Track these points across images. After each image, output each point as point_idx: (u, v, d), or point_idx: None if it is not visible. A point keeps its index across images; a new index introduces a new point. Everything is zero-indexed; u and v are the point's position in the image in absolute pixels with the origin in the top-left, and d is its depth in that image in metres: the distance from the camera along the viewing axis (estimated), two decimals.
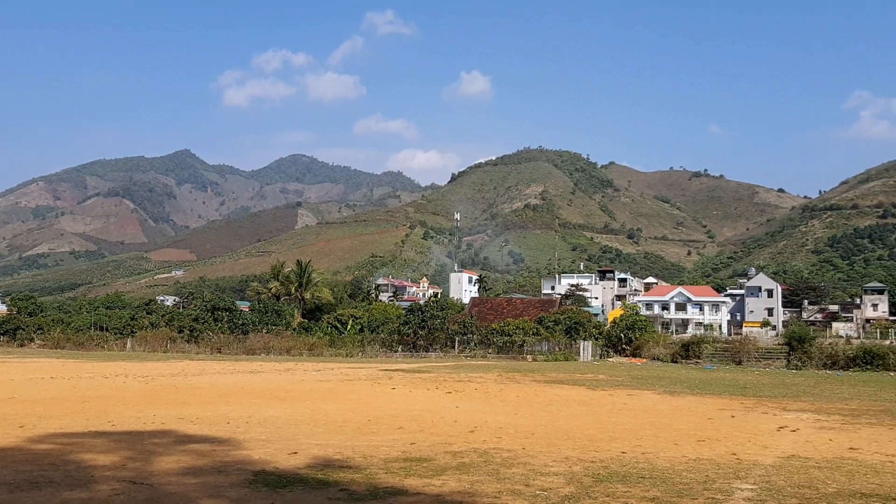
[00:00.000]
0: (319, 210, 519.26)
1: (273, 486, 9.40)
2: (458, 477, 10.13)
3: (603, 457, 12.02)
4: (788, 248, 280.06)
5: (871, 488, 9.80)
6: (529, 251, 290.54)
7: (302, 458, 11.57)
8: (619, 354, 59.85)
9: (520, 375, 34.91)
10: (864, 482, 10.25)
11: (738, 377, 38.77)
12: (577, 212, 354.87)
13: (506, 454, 12.11)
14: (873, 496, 9.29)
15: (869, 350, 49.66)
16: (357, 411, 18.64)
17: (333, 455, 11.83)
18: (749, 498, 9.07)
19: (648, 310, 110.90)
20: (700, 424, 17.27)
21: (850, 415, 20.08)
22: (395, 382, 29.02)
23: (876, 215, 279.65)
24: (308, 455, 11.80)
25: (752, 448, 13.52)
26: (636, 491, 9.36)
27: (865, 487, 9.86)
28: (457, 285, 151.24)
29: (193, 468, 10.63)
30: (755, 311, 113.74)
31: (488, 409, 19.93)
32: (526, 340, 57.28)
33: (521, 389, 26.87)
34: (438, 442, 13.45)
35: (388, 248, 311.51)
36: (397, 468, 10.74)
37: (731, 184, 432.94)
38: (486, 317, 68.33)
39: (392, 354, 56.93)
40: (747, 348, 55.07)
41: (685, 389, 28.50)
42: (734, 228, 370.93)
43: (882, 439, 15.08)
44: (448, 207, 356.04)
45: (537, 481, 9.87)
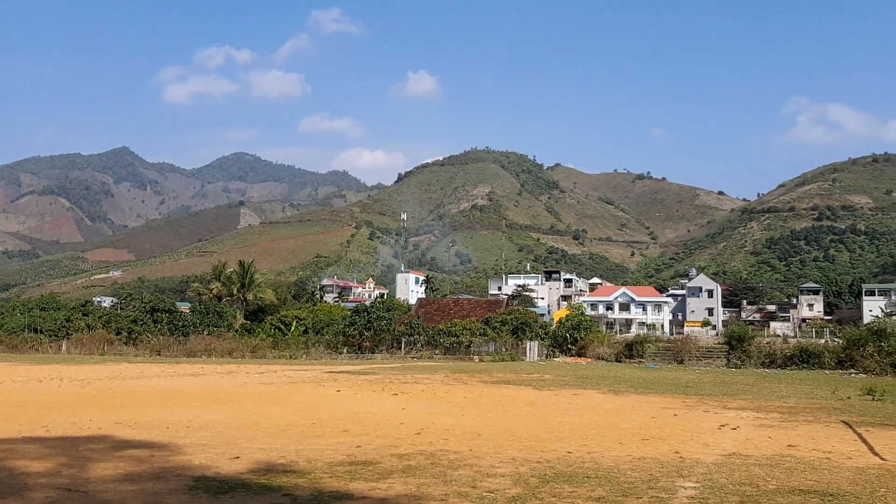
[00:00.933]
0: (263, 209, 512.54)
1: (214, 493, 9.16)
2: (405, 480, 10.02)
3: (549, 457, 12.03)
4: (728, 249, 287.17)
5: (809, 485, 10.01)
6: (476, 252, 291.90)
7: (244, 462, 11.31)
8: (564, 354, 60.46)
9: (467, 376, 34.91)
10: (803, 479, 10.47)
11: (680, 376, 39.47)
12: (523, 213, 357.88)
13: (452, 456, 12.03)
14: (811, 492, 9.48)
15: (805, 349, 51.18)
16: (301, 414, 18.36)
17: (277, 459, 11.59)
18: (692, 496, 9.16)
19: (593, 310, 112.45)
20: (644, 423, 17.48)
21: (788, 412, 20.59)
22: (341, 384, 28.71)
23: (811, 218, 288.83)
24: (250, 460, 11.54)
25: (694, 446, 13.72)
26: (582, 491, 9.38)
27: (803, 484, 10.06)
28: (403, 286, 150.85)
29: (131, 475, 10.29)
30: (696, 311, 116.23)
31: (435, 410, 19.85)
32: (473, 341, 57.41)
33: (467, 390, 26.86)
34: (384, 444, 13.30)
35: (334, 248, 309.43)
36: (342, 472, 10.57)
37: (674, 186, 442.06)
38: (433, 318, 68.30)
39: (337, 356, 56.43)
40: (689, 347, 56.18)
41: (629, 388, 28.87)
42: (676, 230, 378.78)
43: (818, 436, 15.46)
44: (395, 207, 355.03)
45: (484, 483, 9.82)
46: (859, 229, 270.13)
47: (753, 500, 9.01)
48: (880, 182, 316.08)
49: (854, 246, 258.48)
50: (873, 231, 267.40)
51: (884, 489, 9.74)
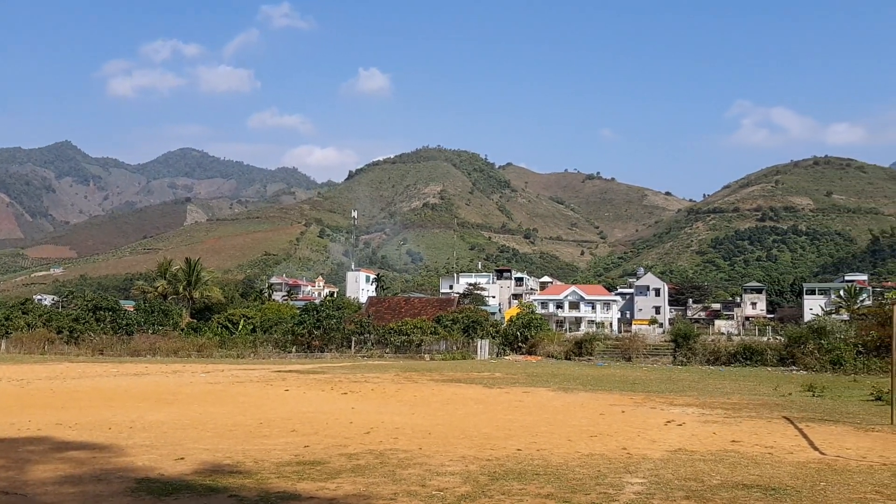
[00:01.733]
0: (210, 206, 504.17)
1: (157, 494, 8.94)
2: (353, 479, 9.92)
3: (499, 455, 12.05)
4: (675, 248, 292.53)
5: (752, 479, 10.21)
6: (428, 250, 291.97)
7: (189, 463, 11.07)
8: (515, 352, 60.79)
9: (417, 375, 34.85)
10: (746, 473, 10.67)
11: (627, 373, 40.02)
12: (475, 211, 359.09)
13: (402, 455, 11.97)
14: (754, 487, 9.67)
15: (748, 346, 52.33)
16: (248, 414, 18.08)
17: (223, 460, 11.38)
18: (639, 492, 9.26)
19: (544, 308, 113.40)
20: (592, 420, 17.66)
21: (732, 408, 21.01)
22: (289, 384, 28.37)
23: (755, 218, 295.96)
24: (196, 460, 11.31)
25: (641, 442, 13.89)
26: (531, 488, 9.41)
27: (747, 479, 10.25)
28: (354, 284, 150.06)
29: (71, 476, 9.99)
30: (644, 309, 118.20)
31: (385, 409, 19.74)
32: (424, 340, 57.33)
33: (418, 389, 26.81)
34: (333, 444, 13.17)
35: (283, 246, 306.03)
36: (290, 472, 10.42)
37: (622, 186, 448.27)
38: (384, 316, 68.06)
39: (286, 355, 55.79)
40: (636, 345, 56.96)
41: (578, 386, 29.15)
42: (624, 230, 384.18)
43: (761, 432, 15.81)
44: (345, 205, 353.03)
45: (434, 481, 9.78)
46: (800, 230, 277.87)
47: (698, 495, 9.14)
48: (821, 184, 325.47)
49: (795, 246, 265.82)
50: (814, 232, 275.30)
51: (823, 483, 9.98)
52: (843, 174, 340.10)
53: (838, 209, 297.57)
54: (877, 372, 39.40)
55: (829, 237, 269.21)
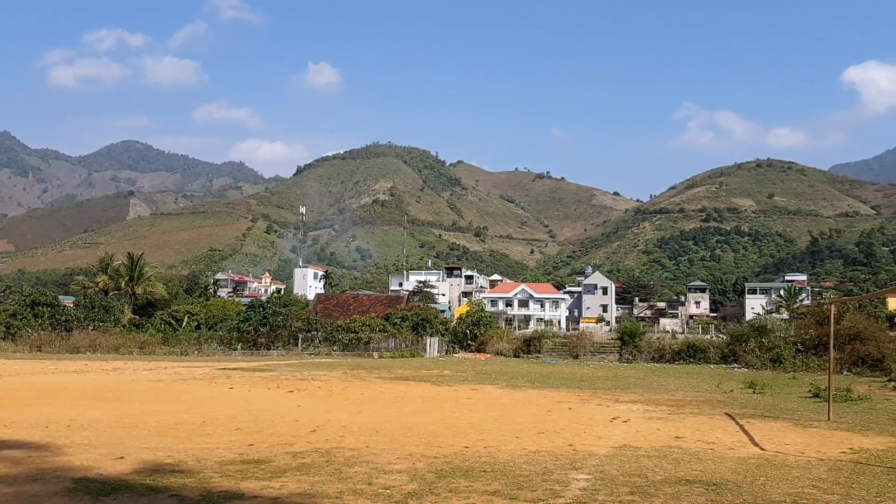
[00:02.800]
0: (154, 200, 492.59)
1: (96, 494, 8.68)
2: (299, 478, 9.78)
3: (446, 452, 12.02)
4: (622, 248, 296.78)
5: (695, 475, 10.36)
6: (377, 247, 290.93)
7: (129, 463, 10.78)
8: (464, 350, 60.99)
9: (365, 373, 34.67)
10: (688, 469, 10.83)
11: (575, 371, 40.44)
12: (425, 209, 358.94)
13: (349, 453, 11.85)
14: (696, 482, 9.81)
15: (692, 344, 53.36)
16: (191, 412, 17.71)
17: (164, 459, 11.11)
18: (584, 488, 9.31)
19: (493, 306, 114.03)
20: (540, 417, 17.75)
21: (676, 405, 21.35)
22: (234, 382, 27.93)
23: (700, 219, 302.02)
24: (136, 460, 11.02)
25: (587, 439, 14.01)
26: (478, 485, 9.39)
27: (689, 474, 10.41)
28: (301, 281, 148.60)
29: (6, 477, 9.63)
30: (591, 307, 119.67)
31: (332, 407, 19.54)
32: (372, 337, 57.10)
33: (366, 387, 26.64)
34: (278, 443, 12.97)
35: (229, 241, 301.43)
36: (233, 471, 10.22)
37: (572, 186, 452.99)
38: (332, 313, 67.57)
39: (231, 353, 54.97)
40: (584, 343, 57.63)
41: (526, 383, 29.33)
42: (573, 229, 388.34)
43: (703, 428, 16.09)
44: (293, 201, 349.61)
45: (380, 479, 9.70)
46: (743, 231, 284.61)
47: (642, 490, 9.23)
48: (763, 186, 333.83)
49: (738, 246, 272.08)
50: (756, 233, 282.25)
51: (763, 478, 10.18)
52: (785, 177, 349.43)
53: (779, 211, 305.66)
54: (815, 370, 40.51)
55: (771, 238, 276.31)
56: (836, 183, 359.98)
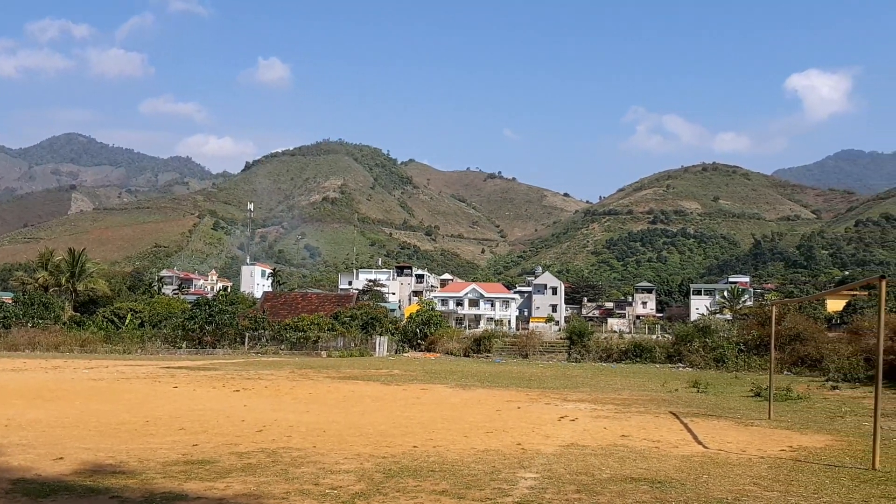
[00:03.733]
0: (97, 195, 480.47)
1: (34, 496, 8.44)
2: (244, 479, 9.63)
3: (395, 452, 11.97)
4: (571, 248, 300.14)
5: (640, 472, 10.49)
6: (327, 245, 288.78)
7: (69, 463, 10.49)
8: (414, 349, 60.88)
9: (313, 372, 34.35)
10: (634, 467, 10.96)
11: (524, 370, 40.68)
12: (376, 207, 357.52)
13: (295, 453, 11.70)
14: (641, 480, 9.93)
15: (638, 344, 54.13)
16: (133, 412, 17.30)
17: (105, 460, 10.83)
18: (532, 486, 9.35)
19: (444, 305, 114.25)
20: (489, 416, 17.79)
21: (622, 404, 21.62)
22: (178, 381, 27.38)
23: (647, 221, 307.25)
24: (76, 460, 10.72)
25: (535, 438, 14.08)
26: (426, 485, 9.37)
27: (635, 472, 10.53)
28: (249, 279, 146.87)
29: None
30: (541, 307, 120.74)
31: (278, 407, 19.29)
32: (321, 336, 56.58)
33: (313, 386, 26.38)
34: (223, 443, 12.75)
35: (174, 238, 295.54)
36: (177, 472, 10.02)
37: (523, 186, 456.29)
38: (280, 312, 66.78)
39: (175, 351, 53.92)
40: (533, 342, 58.02)
41: (476, 382, 29.40)
42: (524, 229, 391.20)
43: (649, 426, 16.32)
44: (241, 197, 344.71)
45: (327, 480, 9.60)
46: (689, 233, 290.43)
47: (588, 488, 9.31)
48: (708, 189, 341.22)
49: (684, 248, 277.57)
50: (701, 235, 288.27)
51: (706, 476, 10.36)
52: (729, 180, 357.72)
53: (724, 214, 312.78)
54: (756, 369, 41.48)
55: (715, 240, 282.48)
56: (778, 187, 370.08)
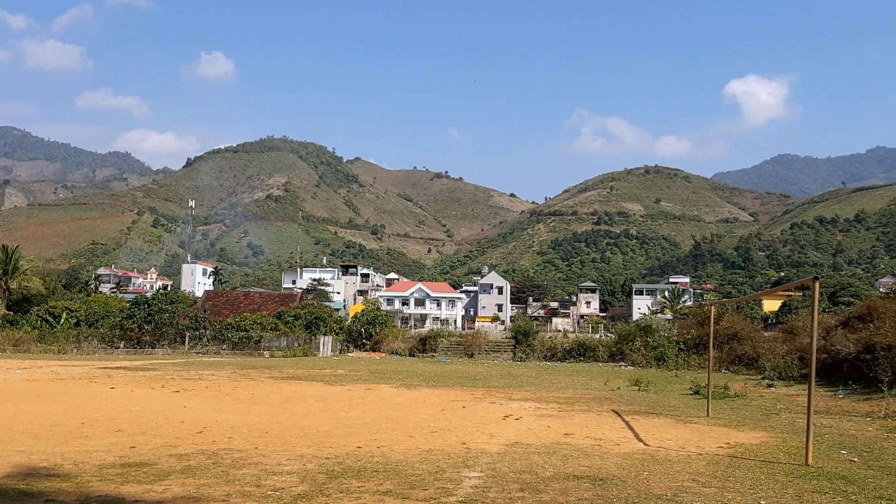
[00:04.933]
0: (31, 190, 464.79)
1: None
2: (183, 481, 9.43)
3: (338, 452, 11.87)
4: (517, 249, 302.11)
5: (582, 470, 10.61)
6: (270, 244, 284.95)
7: (1, 467, 10.15)
8: (359, 349, 60.60)
9: (255, 372, 33.90)
10: (577, 465, 11.08)
11: (469, 369, 40.81)
12: (321, 205, 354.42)
13: (237, 455, 11.52)
14: (583, 477, 10.04)
15: (582, 343, 54.88)
16: (69, 414, 16.80)
17: (39, 463, 10.51)
18: (476, 486, 9.37)
19: (389, 305, 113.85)
20: (434, 416, 17.79)
21: (566, 402, 21.86)
22: (115, 381, 26.72)
23: (591, 222, 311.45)
24: (8, 463, 10.38)
25: (480, 437, 14.13)
26: (370, 485, 9.31)
27: (577, 470, 10.64)
28: (189, 277, 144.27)
29: None
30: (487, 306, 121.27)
31: (219, 407, 18.96)
32: (264, 336, 55.89)
33: (256, 386, 26.02)
34: (162, 445, 12.47)
35: (113, 235, 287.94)
36: (113, 474, 9.76)
37: (469, 186, 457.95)
38: (222, 311, 65.71)
39: (113, 351, 52.66)
40: (479, 342, 58.30)
41: (421, 382, 29.38)
42: (471, 229, 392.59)
43: (591, 424, 16.52)
44: (182, 194, 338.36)
45: (269, 481, 9.47)
46: (632, 234, 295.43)
47: (532, 486, 9.37)
48: (650, 191, 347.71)
49: (627, 249, 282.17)
50: (643, 236, 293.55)
51: (646, 473, 10.53)
52: (671, 183, 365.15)
53: (665, 216, 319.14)
54: (695, 367, 42.41)
55: (657, 241, 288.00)
56: (717, 190, 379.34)
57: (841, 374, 27.84)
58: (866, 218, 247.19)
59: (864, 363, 25.40)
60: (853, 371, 26.57)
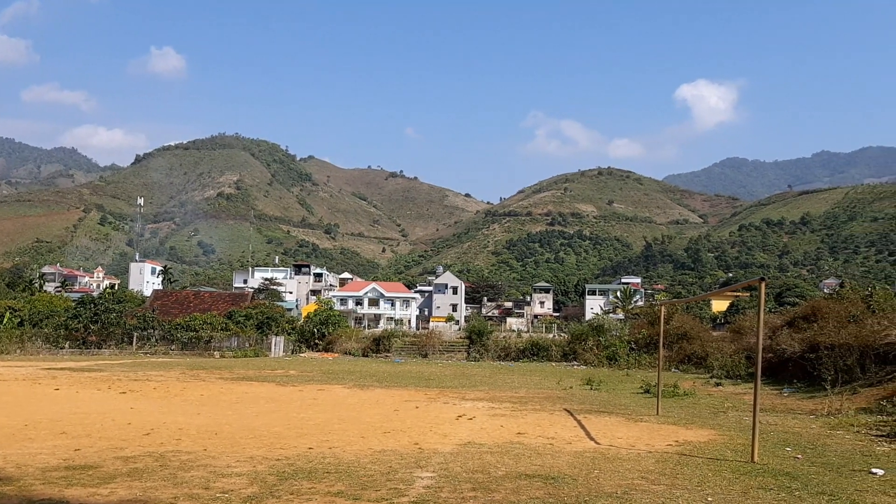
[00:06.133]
0: None
1: None
2: (129, 484, 9.24)
3: (289, 454, 11.75)
4: (472, 248, 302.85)
5: (534, 469, 10.68)
6: (221, 242, 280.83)
7: None
8: (311, 349, 60.12)
9: (205, 373, 33.42)
10: (529, 464, 11.15)
11: (423, 369, 40.81)
12: (273, 204, 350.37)
13: (185, 457, 11.32)
14: (535, 476, 10.11)
15: (536, 342, 55.30)
16: (11, 416, 16.33)
17: None
18: (428, 486, 9.37)
19: (343, 305, 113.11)
20: (387, 416, 17.73)
21: (519, 402, 21.99)
22: (60, 382, 26.07)
23: (545, 222, 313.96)
24: None
25: (433, 437, 14.13)
26: (321, 486, 9.24)
27: (529, 469, 10.71)
28: (138, 276, 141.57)
29: None
30: (441, 306, 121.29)
31: (168, 409, 18.63)
32: (214, 336, 55.11)
33: (205, 387, 25.64)
34: (108, 447, 12.20)
35: (58, 232, 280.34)
36: (57, 477, 9.54)
37: (425, 186, 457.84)
38: (171, 311, 64.59)
39: (58, 351, 51.38)
40: (433, 342, 58.32)
41: (374, 383, 29.27)
42: (426, 228, 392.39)
43: (544, 424, 16.65)
44: (131, 191, 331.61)
45: (218, 483, 9.33)
46: (585, 235, 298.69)
47: (484, 486, 9.40)
48: (603, 193, 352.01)
49: (580, 249, 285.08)
50: (596, 237, 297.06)
51: (597, 471, 10.64)
52: (623, 185, 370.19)
53: (618, 217, 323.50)
54: (646, 367, 43.09)
55: (610, 242, 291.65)
56: (668, 192, 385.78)
57: (786, 372, 28.55)
58: (811, 220, 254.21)
59: (809, 362, 26.07)
60: (798, 370, 27.26)
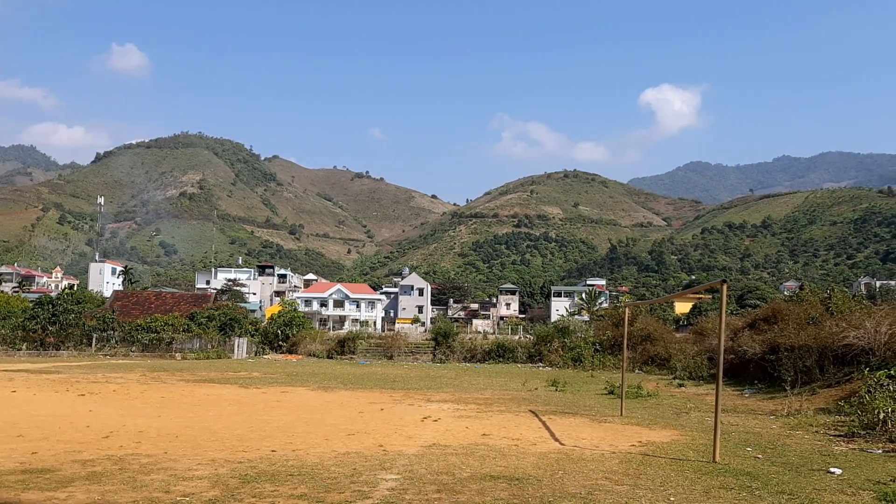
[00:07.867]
0: None
1: None
2: (87, 487, 9.07)
3: (252, 456, 11.62)
4: (438, 250, 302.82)
5: (499, 470, 10.70)
6: (183, 243, 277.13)
7: None
8: (275, 351, 59.62)
9: (167, 375, 32.97)
10: (494, 465, 11.17)
11: (388, 371, 40.72)
12: (237, 204, 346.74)
13: (145, 460, 11.13)
14: (500, 477, 10.13)
15: (501, 344, 55.50)
16: None
17: None
18: (392, 488, 9.33)
19: (308, 306, 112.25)
20: (351, 418, 17.64)
21: (484, 403, 22.03)
22: (17, 384, 25.52)
23: (512, 224, 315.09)
24: None
25: (397, 439, 14.09)
26: (284, 489, 9.15)
27: (494, 470, 10.73)
28: (97, 277, 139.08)
29: None
30: (407, 308, 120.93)
31: (128, 411, 18.32)
32: (175, 337, 54.39)
33: (166, 390, 25.27)
34: (66, 450, 11.96)
35: (15, 232, 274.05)
36: (13, 481, 9.34)
37: (391, 187, 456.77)
38: (131, 312, 63.56)
39: (14, 353, 50.33)
40: (398, 343, 58.23)
41: (339, 385, 29.12)
42: (392, 229, 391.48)
43: (509, 425, 16.69)
44: (91, 190, 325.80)
45: (179, 487, 9.19)
46: (551, 237, 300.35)
47: (449, 487, 9.38)
48: (569, 195, 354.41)
49: (546, 251, 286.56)
50: (562, 239, 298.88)
51: (561, 472, 10.69)
52: (589, 187, 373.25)
53: (583, 219, 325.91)
54: (610, 368, 43.44)
55: (575, 244, 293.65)
56: (633, 195, 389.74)
57: (747, 373, 29.01)
58: (772, 224, 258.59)
59: (769, 363, 26.51)
60: (759, 371, 27.71)
